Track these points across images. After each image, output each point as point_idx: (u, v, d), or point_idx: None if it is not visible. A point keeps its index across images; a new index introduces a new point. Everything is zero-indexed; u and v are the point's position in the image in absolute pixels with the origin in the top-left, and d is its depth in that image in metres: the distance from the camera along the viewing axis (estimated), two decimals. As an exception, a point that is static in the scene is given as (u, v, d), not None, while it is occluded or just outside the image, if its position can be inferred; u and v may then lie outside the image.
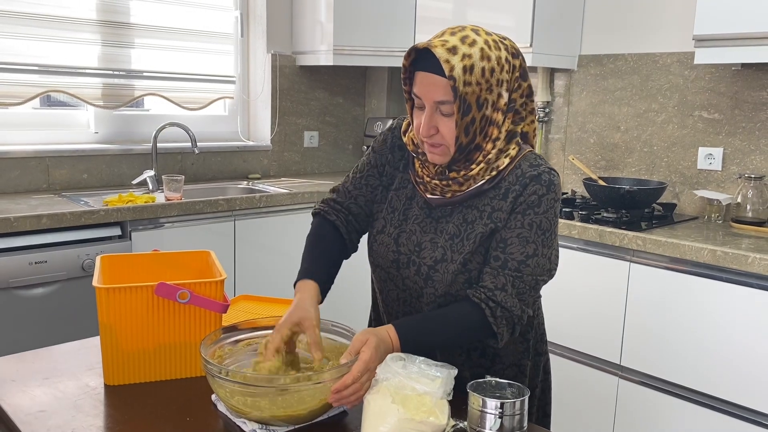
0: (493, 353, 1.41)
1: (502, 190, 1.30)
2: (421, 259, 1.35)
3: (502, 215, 1.29)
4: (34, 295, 2.33)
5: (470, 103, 1.22)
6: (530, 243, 1.27)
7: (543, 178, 1.29)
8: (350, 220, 1.48)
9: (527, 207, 1.28)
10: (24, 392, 1.28)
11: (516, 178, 1.29)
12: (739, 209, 2.51)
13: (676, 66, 2.77)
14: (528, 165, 1.30)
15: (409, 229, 1.38)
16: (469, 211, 1.32)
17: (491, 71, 1.22)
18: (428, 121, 1.25)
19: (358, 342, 1.18)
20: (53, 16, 2.88)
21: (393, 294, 1.44)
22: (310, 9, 3.46)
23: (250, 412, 1.14)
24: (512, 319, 1.27)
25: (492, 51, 1.23)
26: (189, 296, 1.32)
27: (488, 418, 1.04)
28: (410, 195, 1.40)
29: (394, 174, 1.44)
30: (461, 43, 1.21)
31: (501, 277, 1.27)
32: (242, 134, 3.65)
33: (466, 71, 1.19)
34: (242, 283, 2.89)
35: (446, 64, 1.19)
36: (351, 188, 1.48)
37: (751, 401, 2.08)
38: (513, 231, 1.28)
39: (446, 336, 1.28)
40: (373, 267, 1.47)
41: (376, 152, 1.47)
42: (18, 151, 2.79)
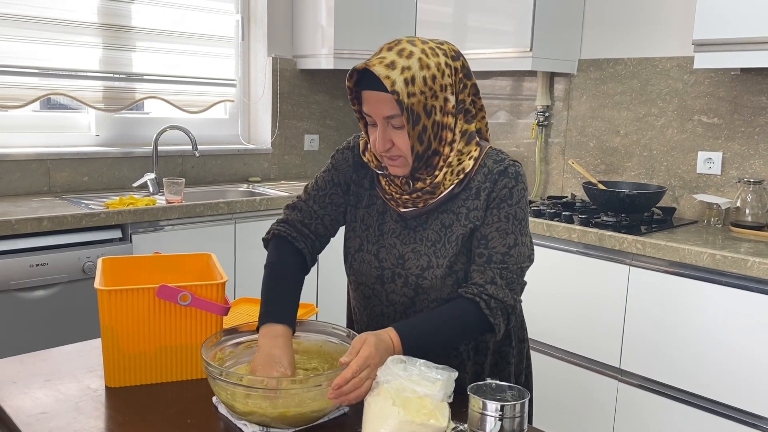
0: (485, 347, 1.44)
1: (473, 190, 1.34)
2: (406, 270, 1.37)
3: (478, 213, 1.33)
4: (35, 297, 2.34)
5: (418, 112, 1.24)
6: (510, 234, 1.32)
7: (509, 171, 1.33)
8: (315, 243, 1.48)
9: (501, 201, 1.32)
10: (25, 394, 1.29)
11: (484, 176, 1.34)
12: (738, 213, 2.52)
13: (676, 70, 2.78)
14: (492, 161, 1.35)
15: (388, 244, 1.39)
16: (445, 216, 1.35)
17: (433, 78, 1.25)
18: (382, 136, 1.28)
19: (357, 342, 1.19)
20: (55, 19, 2.89)
21: (377, 310, 1.44)
22: (311, 12, 3.47)
23: (250, 414, 1.14)
24: (506, 309, 1.31)
25: (430, 58, 1.26)
26: (190, 299, 1.33)
27: (488, 421, 1.04)
28: (381, 210, 1.42)
29: (361, 192, 1.45)
30: (398, 56, 1.24)
31: (489, 272, 1.31)
32: (243, 137, 3.66)
33: (408, 83, 1.22)
34: (242, 285, 2.89)
35: (387, 80, 1.21)
36: (316, 207, 1.47)
37: (751, 405, 2.08)
38: (492, 226, 1.33)
39: (446, 334, 1.30)
40: (356, 285, 1.47)
41: (338, 171, 1.47)
42: (19, 154, 2.79)
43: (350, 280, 1.49)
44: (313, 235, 1.47)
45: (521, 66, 2.90)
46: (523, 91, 3.32)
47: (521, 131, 3.34)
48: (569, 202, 2.87)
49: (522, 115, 3.33)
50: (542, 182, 3.27)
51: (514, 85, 3.36)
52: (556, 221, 2.54)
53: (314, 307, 1.73)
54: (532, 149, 3.29)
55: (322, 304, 3.08)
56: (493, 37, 3.00)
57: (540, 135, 3.23)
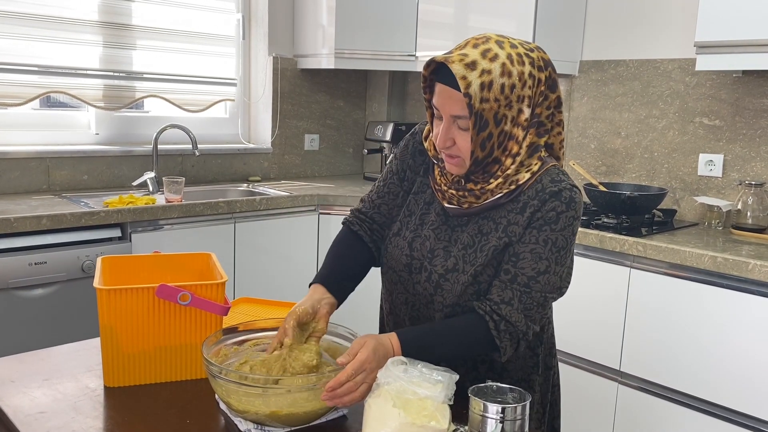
0: (501, 367, 1.38)
1: (520, 204, 1.27)
2: (432, 266, 1.34)
3: (517, 229, 1.27)
4: (34, 296, 2.33)
5: (487, 119, 1.20)
6: (543, 259, 1.25)
7: (563, 195, 1.26)
8: (375, 228, 1.48)
9: (544, 223, 1.25)
10: (24, 393, 1.28)
11: (535, 192, 1.26)
12: (739, 216, 2.51)
13: (677, 72, 2.78)
14: (549, 180, 1.27)
15: (423, 235, 1.37)
16: (484, 223, 1.30)
17: (511, 87, 1.19)
18: (445, 134, 1.24)
19: (357, 344, 1.18)
20: (55, 17, 2.88)
21: (401, 297, 1.43)
22: (312, 12, 3.47)
23: (245, 412, 1.15)
24: (516, 335, 1.25)
25: (514, 66, 1.20)
26: (190, 298, 1.32)
27: (489, 423, 1.04)
28: (429, 200, 1.40)
29: (414, 178, 1.44)
30: (482, 57, 1.18)
31: (508, 291, 1.25)
32: (243, 137, 3.65)
33: (484, 88, 1.17)
34: (242, 285, 2.88)
35: (462, 80, 1.16)
36: (375, 197, 1.49)
37: (751, 408, 2.08)
38: (527, 246, 1.25)
39: (449, 348, 1.26)
40: (385, 269, 1.46)
41: (398, 159, 1.48)
42: (18, 152, 2.79)
43: (381, 263, 1.48)
44: (370, 221, 1.49)
45: (522, 67, 2.89)
46: (524, 92, 3.31)
47: (522, 132, 3.33)
48: (570, 204, 2.86)
49: (523, 116, 3.32)
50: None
51: (515, 86, 3.35)
52: (557, 223, 2.54)
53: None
54: (532, 150, 3.28)
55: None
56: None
57: (541, 136, 3.22)
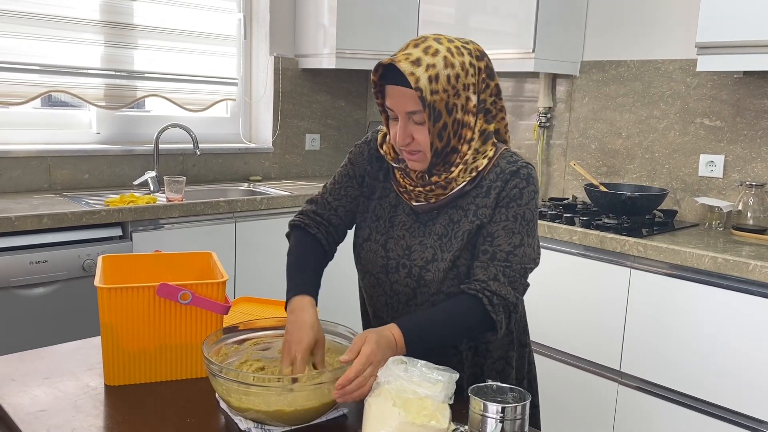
0: (485, 349, 1.45)
1: (484, 189, 1.36)
2: (411, 261, 1.39)
3: (486, 211, 1.35)
4: (35, 294, 2.33)
5: (440, 110, 1.27)
6: (516, 234, 1.33)
7: (522, 173, 1.36)
8: (330, 231, 1.52)
9: (510, 200, 1.34)
10: (24, 392, 1.28)
11: (496, 175, 1.36)
12: (740, 217, 2.51)
13: (678, 73, 2.78)
14: (506, 162, 1.37)
15: (396, 235, 1.42)
16: (454, 212, 1.37)
17: (456, 77, 1.28)
18: (403, 131, 1.31)
19: (358, 340, 1.20)
20: (56, 16, 2.89)
21: (382, 300, 1.47)
22: (313, 12, 3.47)
23: (245, 410, 1.15)
24: (508, 307, 1.32)
25: (455, 57, 1.28)
26: (190, 297, 1.32)
27: (489, 423, 1.04)
28: (394, 203, 1.45)
29: (375, 184, 1.49)
30: (424, 54, 1.26)
31: (492, 269, 1.32)
32: (244, 136, 3.66)
33: (432, 80, 1.25)
34: (242, 284, 2.88)
35: (411, 76, 1.24)
36: (331, 200, 1.52)
37: (751, 408, 2.08)
38: (499, 224, 1.34)
39: (448, 330, 1.31)
40: (362, 274, 1.50)
41: (353, 164, 1.51)
42: (20, 151, 2.79)
43: (358, 269, 1.52)
44: (327, 223, 1.51)
45: (523, 67, 2.89)
46: (525, 92, 3.32)
47: (523, 132, 3.33)
48: (570, 204, 2.86)
49: (524, 116, 3.32)
50: (544, 184, 3.26)
51: (516, 87, 3.35)
52: (557, 223, 2.54)
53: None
54: (533, 151, 3.28)
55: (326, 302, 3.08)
56: (496, 38, 3.00)
57: (542, 136, 3.22)
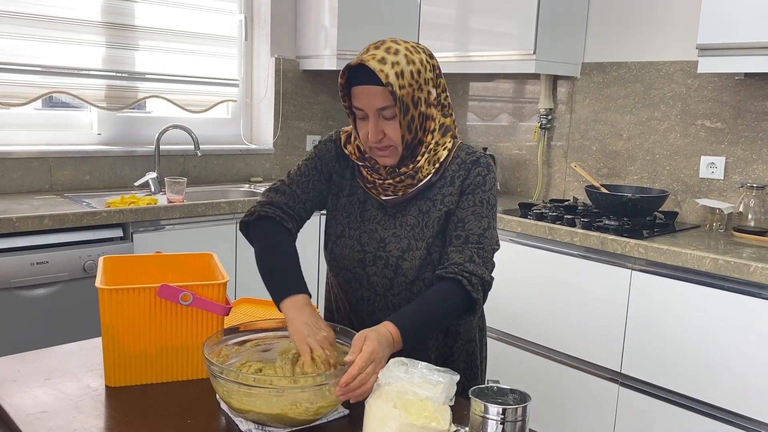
0: (455, 332, 1.53)
1: (448, 179, 1.44)
2: (387, 252, 1.45)
3: (453, 198, 1.43)
4: (36, 295, 2.33)
5: (407, 103, 1.35)
6: (484, 218, 1.42)
7: (482, 161, 1.46)
8: (299, 227, 1.55)
9: (475, 187, 1.43)
10: (25, 393, 1.28)
11: (458, 165, 1.45)
12: (740, 218, 2.51)
13: (679, 75, 2.78)
14: (465, 153, 1.47)
15: (369, 229, 1.48)
16: (422, 203, 1.45)
17: (418, 72, 1.36)
18: (375, 128, 1.36)
19: (358, 340, 1.21)
20: (58, 17, 2.89)
21: (358, 294, 1.50)
22: (314, 13, 3.47)
23: (246, 412, 1.15)
24: (485, 285, 1.38)
25: (414, 55, 1.37)
26: (191, 298, 1.32)
27: (490, 424, 1.04)
28: (362, 199, 1.50)
29: (342, 182, 1.53)
30: (387, 53, 1.35)
31: (467, 251, 1.39)
32: (245, 137, 3.66)
33: (398, 76, 1.33)
34: (243, 286, 2.88)
35: (381, 73, 1.31)
36: (299, 192, 1.53)
37: (752, 410, 2.08)
38: (467, 210, 1.42)
39: (438, 318, 1.35)
40: (336, 270, 1.52)
41: (321, 160, 1.54)
42: (21, 152, 2.79)
43: (331, 266, 1.54)
44: (297, 217, 1.54)
45: (524, 69, 2.89)
46: (526, 93, 3.32)
47: (524, 134, 3.33)
48: (571, 206, 2.86)
49: (524, 117, 3.32)
50: (544, 185, 3.27)
51: (516, 88, 3.35)
52: (558, 224, 2.54)
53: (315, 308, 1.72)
54: (534, 152, 3.28)
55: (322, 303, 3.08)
56: (497, 39, 3.00)
57: (542, 138, 3.22)
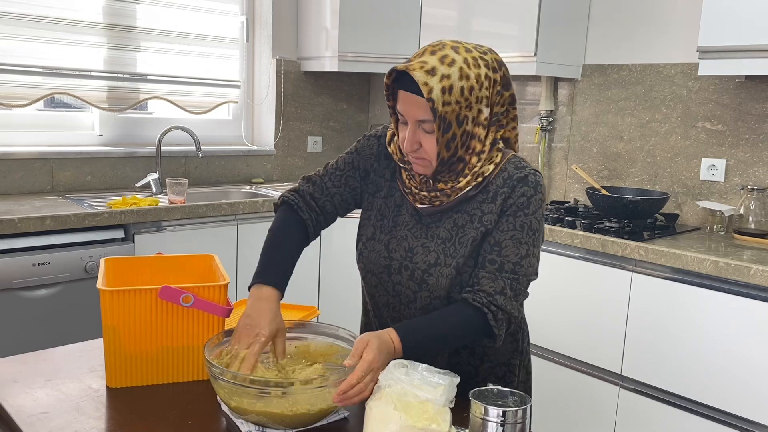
0: (482, 352, 1.44)
1: (490, 194, 1.34)
2: (414, 264, 1.38)
3: (492, 217, 1.33)
4: (37, 296, 2.34)
5: (450, 121, 1.26)
6: (523, 244, 1.32)
7: (530, 180, 1.35)
8: (320, 219, 1.49)
9: (517, 209, 1.32)
10: (26, 393, 1.29)
11: (503, 181, 1.34)
12: (741, 221, 2.51)
13: (680, 77, 2.78)
14: (513, 167, 1.35)
15: (399, 236, 1.41)
16: (458, 216, 1.36)
17: (470, 90, 1.26)
18: (411, 137, 1.29)
19: (360, 344, 1.20)
20: (60, 18, 2.90)
21: (383, 300, 1.46)
22: (316, 15, 3.48)
23: (246, 413, 1.15)
24: (510, 320, 1.32)
25: (471, 69, 1.26)
26: (192, 300, 1.33)
27: (490, 427, 1.04)
28: (398, 203, 1.43)
29: (380, 182, 1.47)
30: (440, 63, 1.24)
31: (500, 281, 1.31)
32: (246, 139, 3.66)
33: (445, 92, 1.23)
34: (244, 287, 2.89)
35: (425, 86, 1.22)
36: (329, 185, 1.49)
37: (752, 412, 2.07)
38: (506, 233, 1.32)
39: (446, 338, 1.31)
40: (364, 273, 1.49)
41: (360, 155, 1.49)
42: (22, 153, 2.80)
43: (359, 268, 1.50)
44: (319, 209, 1.49)
45: (525, 70, 2.90)
46: (527, 95, 3.32)
47: (524, 136, 3.33)
48: (572, 208, 2.86)
49: (525, 119, 3.33)
50: (545, 187, 3.26)
51: (517, 90, 3.35)
52: (559, 226, 2.54)
53: (315, 309, 1.73)
54: (535, 154, 3.29)
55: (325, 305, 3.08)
56: (498, 41, 3.00)
57: (543, 140, 3.22)
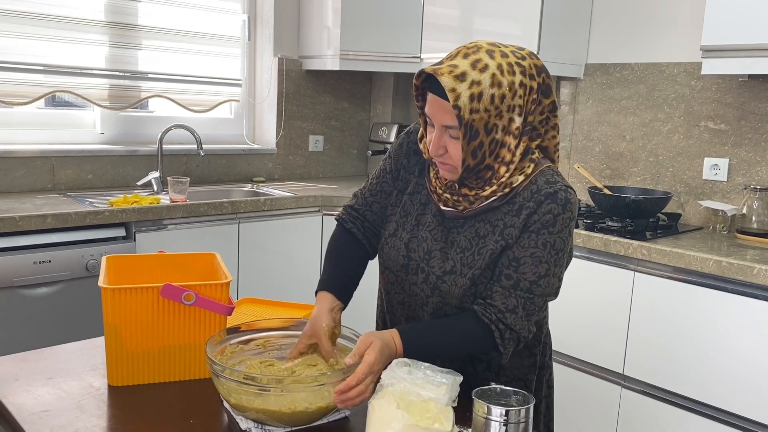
0: (498, 366, 1.40)
1: (516, 206, 1.27)
2: (430, 267, 1.34)
3: (514, 232, 1.27)
4: (38, 294, 2.33)
5: (477, 128, 1.20)
6: (543, 263, 1.26)
7: (559, 197, 1.26)
8: (367, 226, 1.49)
9: (542, 226, 1.25)
10: (28, 392, 1.28)
11: (531, 194, 1.27)
12: (744, 220, 2.50)
13: (683, 76, 2.77)
14: (544, 181, 1.28)
15: (420, 236, 1.37)
16: (481, 225, 1.30)
17: (501, 98, 1.20)
18: (437, 142, 1.25)
19: (362, 344, 1.19)
20: (61, 16, 2.89)
21: (398, 297, 1.44)
22: (318, 14, 3.47)
23: (246, 410, 1.15)
24: (519, 340, 1.29)
25: (504, 77, 1.20)
26: (194, 298, 1.32)
27: (493, 426, 1.03)
28: (424, 201, 1.40)
29: (409, 178, 1.44)
30: (472, 68, 1.19)
31: (513, 299, 1.26)
32: (247, 137, 3.66)
33: (474, 99, 1.18)
34: (246, 285, 2.89)
35: (452, 93, 1.17)
36: (368, 195, 1.50)
37: (755, 412, 2.07)
38: (526, 250, 1.26)
39: (449, 347, 1.30)
40: (382, 269, 1.47)
41: (392, 158, 1.48)
42: (24, 151, 2.80)
43: (379, 263, 1.48)
44: (362, 218, 1.49)
45: (528, 69, 2.89)
46: (529, 94, 3.31)
47: (526, 135, 3.33)
48: (574, 207, 2.86)
49: (527, 118, 3.32)
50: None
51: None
52: (561, 226, 2.53)
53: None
54: (537, 153, 3.28)
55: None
56: (500, 39, 2.95)
57: (545, 139, 3.22)
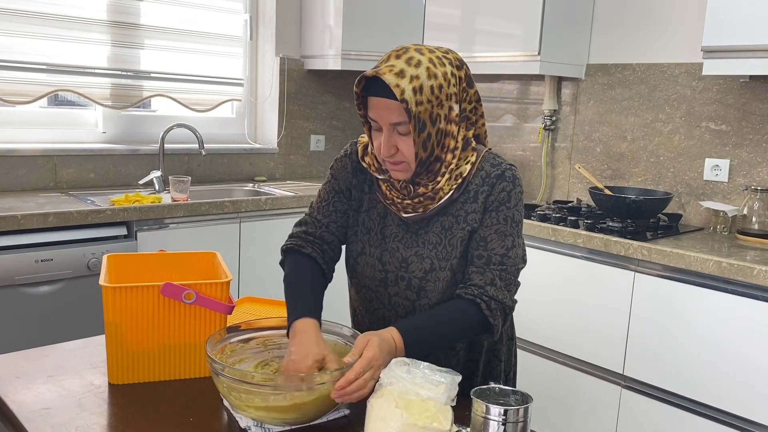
0: (479, 345, 1.47)
1: (472, 194, 1.37)
2: (410, 273, 1.39)
3: (476, 216, 1.36)
4: (40, 292, 2.34)
5: (424, 120, 1.27)
6: (508, 236, 1.36)
7: (507, 175, 1.37)
8: (325, 249, 1.48)
9: (499, 204, 1.36)
10: (29, 389, 1.29)
11: (482, 179, 1.37)
12: (745, 221, 2.50)
13: (684, 77, 2.77)
14: (489, 165, 1.38)
15: (390, 247, 1.41)
16: (445, 219, 1.38)
17: (439, 87, 1.28)
18: (387, 142, 1.30)
19: (361, 342, 1.20)
20: (64, 15, 2.90)
21: (380, 312, 1.47)
22: (320, 13, 3.48)
23: (245, 409, 1.15)
24: (505, 310, 1.35)
25: (437, 68, 1.28)
26: (195, 297, 1.33)
27: (491, 425, 1.04)
28: (382, 214, 1.44)
29: (361, 197, 1.47)
30: (407, 65, 1.26)
31: (488, 273, 1.34)
32: (249, 137, 3.66)
33: (416, 92, 1.25)
34: (246, 285, 2.89)
35: (396, 88, 1.23)
36: (320, 217, 1.49)
37: (755, 413, 2.07)
38: (491, 228, 1.36)
39: (446, 335, 1.33)
40: (358, 288, 1.49)
41: (337, 179, 1.48)
42: (26, 150, 2.80)
43: (352, 283, 1.51)
44: (320, 240, 1.48)
45: (529, 70, 2.89)
46: (530, 94, 3.31)
47: (528, 135, 3.33)
48: (575, 207, 2.86)
49: (529, 119, 3.32)
50: (548, 186, 3.26)
51: (521, 89, 3.35)
52: (562, 226, 2.54)
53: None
54: (538, 153, 3.28)
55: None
56: (501, 40, 3.00)
57: (546, 139, 3.22)
